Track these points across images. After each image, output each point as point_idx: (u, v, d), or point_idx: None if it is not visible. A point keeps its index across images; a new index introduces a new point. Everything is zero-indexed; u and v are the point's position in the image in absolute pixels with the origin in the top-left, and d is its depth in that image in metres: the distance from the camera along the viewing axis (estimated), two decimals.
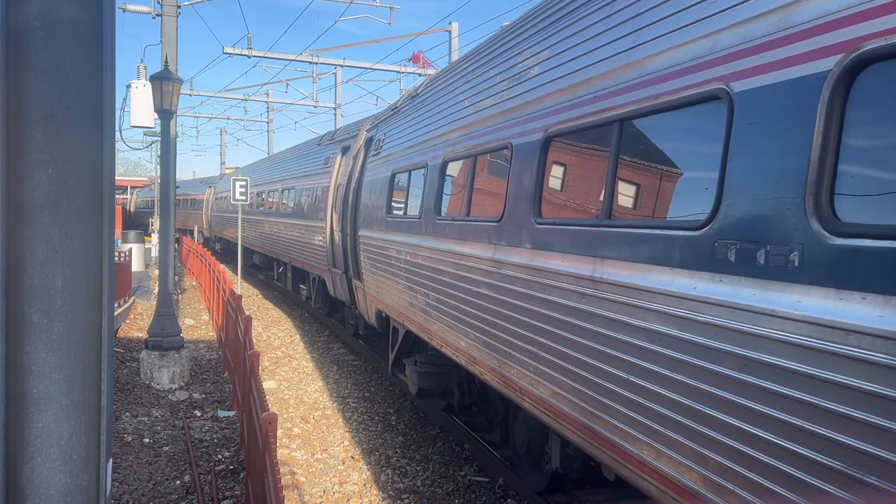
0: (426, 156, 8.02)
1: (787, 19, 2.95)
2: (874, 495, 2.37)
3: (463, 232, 6.51)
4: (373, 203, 10.55)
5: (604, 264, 4.17)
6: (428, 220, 7.60)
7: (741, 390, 2.97)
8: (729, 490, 3.11)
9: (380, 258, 9.70)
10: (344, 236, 12.92)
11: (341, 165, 14.63)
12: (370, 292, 10.73)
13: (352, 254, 12.02)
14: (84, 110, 2.10)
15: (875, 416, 2.39)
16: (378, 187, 10.28)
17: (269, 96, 41.23)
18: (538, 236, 5.04)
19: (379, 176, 10.35)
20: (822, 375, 2.60)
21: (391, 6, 23.42)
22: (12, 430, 2.07)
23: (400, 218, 8.91)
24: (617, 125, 4.16)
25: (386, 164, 10.08)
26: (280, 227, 20.14)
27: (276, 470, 4.60)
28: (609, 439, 4.14)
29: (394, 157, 9.70)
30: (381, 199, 10.01)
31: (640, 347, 3.71)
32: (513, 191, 5.49)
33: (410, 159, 8.75)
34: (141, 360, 12.09)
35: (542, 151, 5.11)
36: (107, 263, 2.17)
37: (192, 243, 31.14)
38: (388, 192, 9.62)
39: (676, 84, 3.58)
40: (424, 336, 8.11)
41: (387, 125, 11.12)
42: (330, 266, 14.33)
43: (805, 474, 2.67)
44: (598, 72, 4.47)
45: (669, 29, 3.74)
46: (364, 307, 11.77)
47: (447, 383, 8.70)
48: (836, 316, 2.55)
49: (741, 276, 3.03)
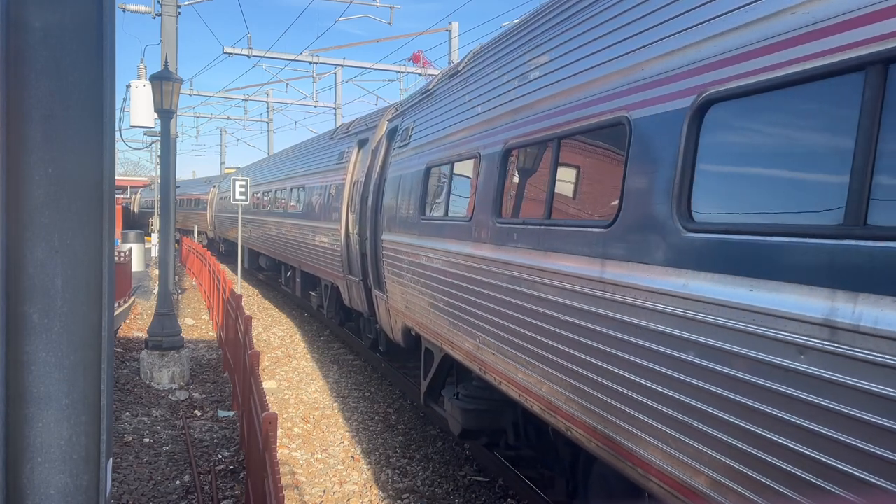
0: (477, 143, 6.52)
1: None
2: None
3: (544, 240, 4.99)
4: (400, 202, 9.05)
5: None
6: (482, 224, 6.14)
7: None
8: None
9: (411, 267, 8.27)
10: (362, 240, 11.46)
11: (358, 161, 13.14)
12: (396, 306, 9.31)
13: (372, 261, 10.61)
14: (84, 110, 2.10)
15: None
16: (408, 184, 8.79)
17: (269, 96, 41.27)
18: (689, 249, 3.50)
19: (408, 171, 8.89)
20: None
21: (391, 6, 23.44)
22: (12, 430, 2.07)
23: (439, 220, 7.37)
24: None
25: (418, 156, 8.61)
26: (288, 228, 18.74)
27: (276, 470, 4.60)
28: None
29: (429, 148, 8.24)
30: (411, 198, 8.52)
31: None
32: (640, 183, 3.96)
33: (453, 149, 7.24)
34: (141, 359, 12.09)
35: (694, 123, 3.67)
36: (107, 263, 2.17)
37: (192, 243, 31.13)
38: (422, 190, 8.09)
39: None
40: (474, 366, 6.48)
41: (416, 111, 9.45)
42: (345, 273, 12.91)
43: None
44: None
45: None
46: (387, 322, 10.21)
47: (499, 423, 6.90)
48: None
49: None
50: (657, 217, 3.72)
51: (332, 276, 14.19)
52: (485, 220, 6.10)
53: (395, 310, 9.45)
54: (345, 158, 13.96)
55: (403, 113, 10.39)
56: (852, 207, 2.60)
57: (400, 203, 9.09)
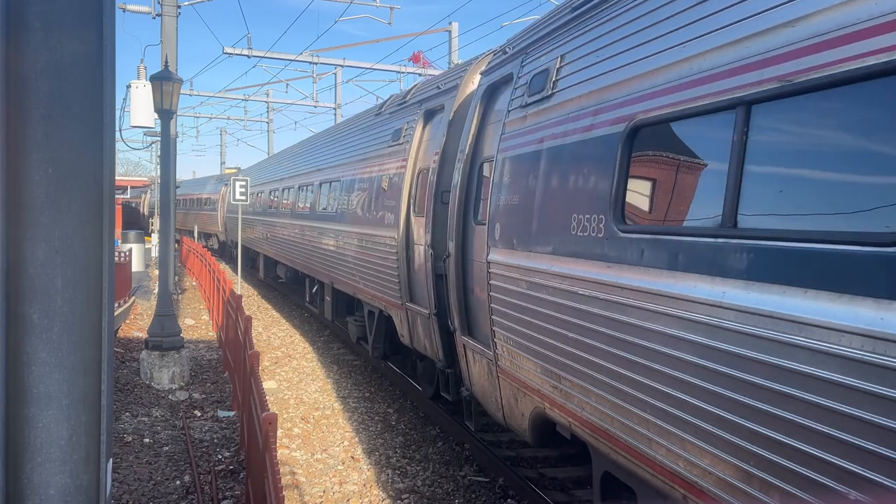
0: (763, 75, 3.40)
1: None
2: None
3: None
4: (542, 200, 5.44)
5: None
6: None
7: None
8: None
9: (578, 321, 4.80)
10: (438, 256, 8.06)
11: (425, 139, 9.45)
12: (521, 375, 5.85)
13: (458, 290, 7.30)
14: (84, 110, 2.10)
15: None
16: (563, 165, 5.17)
17: (269, 96, 41.29)
18: None
19: (564, 139, 5.19)
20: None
21: (391, 6, 23.46)
22: (12, 430, 2.07)
23: (695, 235, 3.76)
24: None
25: (586, 111, 4.95)
26: (315, 234, 14.91)
27: (276, 470, 4.61)
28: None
29: (623, 94, 4.53)
30: (579, 191, 4.92)
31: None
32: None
33: (693, 91, 3.86)
34: (141, 360, 12.09)
35: None
36: (107, 263, 2.17)
37: (192, 243, 31.11)
38: (619, 173, 4.44)
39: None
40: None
41: (567, 39, 5.64)
42: (403, 299, 9.39)
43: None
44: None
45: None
46: (491, 392, 6.72)
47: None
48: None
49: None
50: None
51: (383, 302, 10.47)
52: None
53: (514, 380, 6.02)
54: (403, 138, 10.14)
55: (525, 52, 6.45)
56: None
57: (540, 201, 5.46)
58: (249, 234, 24.12)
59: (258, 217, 22.75)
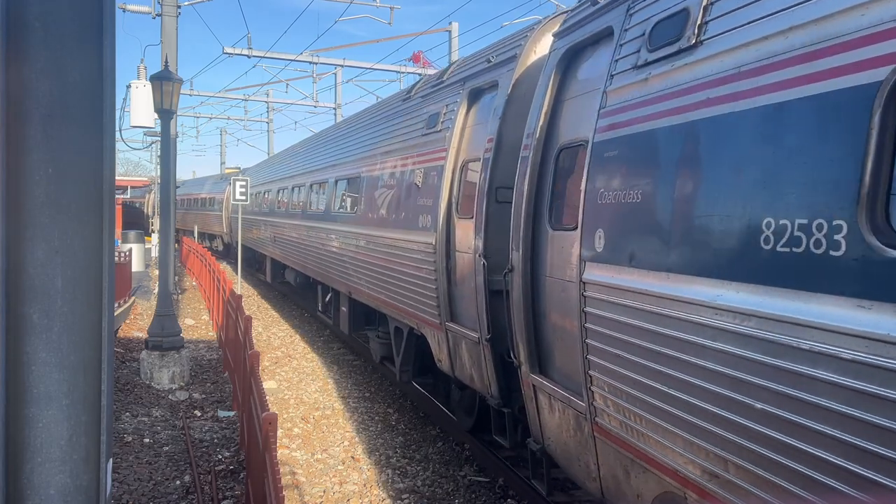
0: None
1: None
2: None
3: None
4: (699, 197, 3.75)
5: None
6: None
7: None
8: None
9: (781, 382, 3.10)
10: (491, 269, 6.71)
11: (470, 125, 7.98)
12: (633, 438, 4.29)
13: (525, 312, 5.74)
14: (84, 110, 2.10)
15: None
16: (737, 144, 3.49)
17: (269, 96, 41.29)
18: None
19: (731, 108, 3.55)
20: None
21: (391, 6, 23.46)
22: (12, 430, 2.07)
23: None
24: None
25: (781, 60, 3.29)
26: (330, 237, 13.11)
27: (276, 470, 4.61)
28: None
29: (878, 19, 2.81)
30: (775, 183, 3.23)
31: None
32: None
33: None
34: (141, 360, 12.09)
35: None
36: (107, 263, 2.17)
37: (192, 243, 31.10)
38: (874, 150, 2.76)
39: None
40: None
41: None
42: (443, 318, 7.90)
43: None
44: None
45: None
46: (577, 452, 5.15)
47: None
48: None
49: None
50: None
51: (415, 319, 8.88)
52: None
53: (625, 446, 4.43)
54: (441, 124, 8.55)
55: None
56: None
57: (688, 197, 3.84)
58: (256, 236, 22.57)
59: (265, 218, 21.11)
